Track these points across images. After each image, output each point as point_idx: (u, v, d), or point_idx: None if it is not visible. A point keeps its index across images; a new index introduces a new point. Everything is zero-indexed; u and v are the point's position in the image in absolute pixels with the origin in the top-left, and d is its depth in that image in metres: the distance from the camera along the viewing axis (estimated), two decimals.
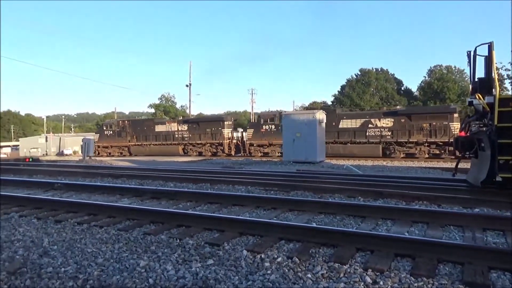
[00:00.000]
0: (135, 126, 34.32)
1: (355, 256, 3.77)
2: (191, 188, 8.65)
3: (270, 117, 28.93)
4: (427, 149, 23.40)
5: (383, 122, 24.77)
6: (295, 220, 5.43)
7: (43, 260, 3.80)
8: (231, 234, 4.53)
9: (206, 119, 33.29)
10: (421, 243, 3.82)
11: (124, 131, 34.17)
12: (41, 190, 8.70)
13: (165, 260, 3.72)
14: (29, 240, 4.50)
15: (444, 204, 6.31)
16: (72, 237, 4.63)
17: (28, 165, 16.73)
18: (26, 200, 6.93)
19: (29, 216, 5.89)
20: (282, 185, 8.32)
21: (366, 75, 64.23)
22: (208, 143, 30.55)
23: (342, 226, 5.05)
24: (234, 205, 6.45)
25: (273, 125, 27.95)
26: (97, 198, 7.54)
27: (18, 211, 6.27)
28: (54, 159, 28.05)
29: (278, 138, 26.66)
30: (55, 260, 3.79)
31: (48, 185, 9.07)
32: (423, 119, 23.68)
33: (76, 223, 5.32)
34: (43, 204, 6.57)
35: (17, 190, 8.80)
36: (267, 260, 3.64)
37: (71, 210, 6.07)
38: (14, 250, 4.12)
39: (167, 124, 32.95)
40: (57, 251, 4.07)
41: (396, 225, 5.04)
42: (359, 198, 6.99)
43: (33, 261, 3.78)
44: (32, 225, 5.31)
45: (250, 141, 28.90)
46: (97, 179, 10.74)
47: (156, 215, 5.45)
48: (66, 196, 7.97)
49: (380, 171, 13.78)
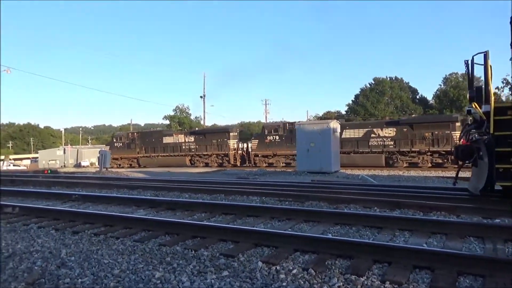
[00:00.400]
0: (144, 138, 34.91)
1: (372, 268, 3.71)
2: (206, 199, 8.68)
3: (274, 128, 28.98)
4: (429, 158, 23.34)
5: (386, 132, 24.75)
6: (310, 231, 5.38)
7: (60, 271, 3.85)
8: (246, 246, 4.51)
9: (212, 131, 33.78)
10: (440, 255, 3.73)
11: (133, 143, 34.76)
12: (59, 202, 8.84)
13: (180, 271, 3.72)
14: (47, 251, 4.57)
15: (463, 214, 6.17)
16: (89, 248, 4.68)
17: (47, 176, 17.07)
18: (45, 211, 7.06)
19: (48, 227, 5.99)
20: (296, 195, 8.26)
21: (380, 84, 63.76)
22: (214, 154, 30.79)
23: (358, 237, 4.98)
24: (248, 216, 6.44)
25: (277, 135, 28.02)
26: (113, 209, 7.63)
27: (37, 222, 6.39)
28: (72, 171, 28.54)
29: (282, 148, 27.48)
30: (73, 271, 3.83)
31: (66, 197, 9.22)
32: (425, 129, 23.71)
33: (93, 234, 5.38)
34: (61, 215, 6.68)
35: (36, 201, 8.98)
36: (282, 271, 3.61)
37: (88, 221, 6.15)
38: (33, 261, 4.18)
39: (174, 136, 33.43)
40: (75, 262, 4.12)
41: (414, 236, 4.95)
42: (375, 208, 6.89)
43: (51, 272, 3.83)
44: (51, 236, 5.39)
45: (255, 152, 28.95)
46: (113, 190, 10.86)
47: (171, 226, 5.47)
48: (83, 207, 8.09)
49: (396, 181, 13.57)
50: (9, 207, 7.36)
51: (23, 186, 12.98)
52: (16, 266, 4.05)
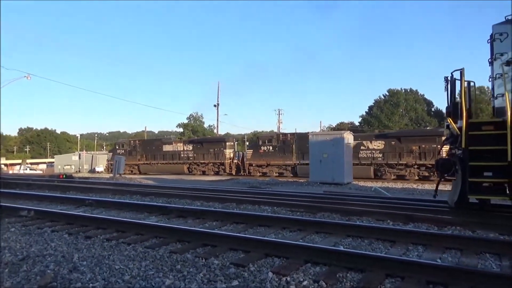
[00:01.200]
0: (145, 146, 36.10)
1: (384, 282, 3.64)
2: (218, 207, 8.68)
3: (268, 139, 30.13)
4: (416, 171, 23.95)
5: (375, 145, 25.29)
6: (321, 242, 5.32)
7: (72, 275, 3.89)
8: (257, 255, 4.49)
9: (209, 140, 34.94)
10: (455, 271, 3.65)
11: (135, 150, 35.82)
12: (73, 206, 8.96)
13: (190, 279, 3.72)
14: (60, 255, 4.62)
15: (478, 230, 6.03)
16: (101, 253, 4.72)
17: (62, 181, 17.34)
18: (59, 215, 7.16)
19: (61, 231, 6.06)
20: (308, 206, 8.21)
21: (395, 95, 63.32)
22: (211, 163, 31.74)
23: (370, 250, 4.91)
24: (260, 225, 6.41)
25: (270, 146, 29.01)
26: (125, 215, 7.69)
27: (51, 226, 6.48)
28: (86, 176, 28.93)
29: (275, 158, 28.64)
30: (84, 276, 3.86)
31: (79, 201, 9.34)
32: (413, 142, 24.44)
33: (105, 240, 5.43)
34: (74, 219, 6.77)
35: (51, 205, 9.12)
36: (292, 283, 3.57)
37: (101, 227, 6.21)
38: (46, 265, 4.24)
39: (174, 144, 34.41)
40: (86, 267, 4.15)
41: (428, 251, 4.85)
42: (388, 221, 6.79)
43: (63, 276, 3.87)
44: (64, 240, 5.46)
45: (249, 161, 29.70)
46: (126, 196, 10.96)
47: (183, 233, 5.48)
48: (96, 212, 8.18)
49: (410, 194, 13.38)
50: (25, 211, 7.50)
51: (38, 190, 13.21)
52: (29, 269, 4.10)
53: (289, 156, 27.94)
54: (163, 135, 75.00)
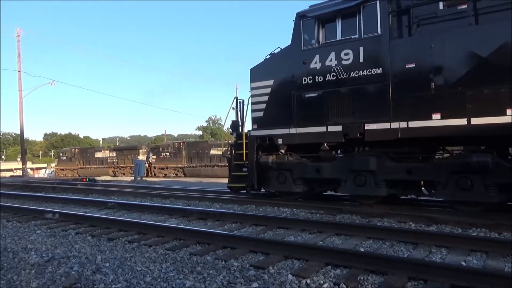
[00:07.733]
0: (82, 153, 44.24)
1: (407, 286, 3.57)
2: (237, 209, 8.71)
3: (166, 146, 37.63)
4: None
5: None
6: (342, 244, 5.26)
7: (96, 276, 3.97)
8: (276, 258, 4.48)
9: (128, 148, 43.24)
10: (480, 274, 3.55)
11: (74, 157, 43.64)
12: (96, 209, 9.16)
13: (210, 281, 3.74)
14: (83, 257, 4.73)
15: (505, 232, 5.84)
16: (123, 255, 4.81)
17: (85, 184, 17.70)
18: (83, 218, 7.34)
19: (85, 233, 6.21)
20: (328, 208, 8.13)
21: None
22: (128, 166, 37.01)
23: (392, 253, 4.83)
24: (279, 227, 6.40)
25: (168, 152, 36.07)
26: (146, 217, 7.80)
27: (75, 228, 6.65)
28: (108, 179, 29.48)
29: (172, 162, 35.24)
30: (107, 277, 3.94)
31: (102, 204, 9.54)
32: None
33: (127, 242, 5.52)
34: (97, 222, 6.92)
35: (75, 208, 9.35)
36: (312, 285, 3.55)
37: (123, 229, 6.32)
38: (70, 266, 4.34)
39: (103, 152, 42.75)
40: (109, 268, 4.23)
41: (452, 253, 4.73)
42: (410, 223, 6.66)
43: (86, 277, 3.96)
44: (87, 242, 5.59)
45: (154, 165, 36.20)
46: (147, 199, 11.13)
47: (202, 235, 5.52)
48: (118, 215, 8.33)
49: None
50: (50, 213, 7.72)
51: (63, 193, 13.56)
52: (54, 270, 4.22)
53: (180, 160, 34.58)
54: (182, 138, 75.84)
